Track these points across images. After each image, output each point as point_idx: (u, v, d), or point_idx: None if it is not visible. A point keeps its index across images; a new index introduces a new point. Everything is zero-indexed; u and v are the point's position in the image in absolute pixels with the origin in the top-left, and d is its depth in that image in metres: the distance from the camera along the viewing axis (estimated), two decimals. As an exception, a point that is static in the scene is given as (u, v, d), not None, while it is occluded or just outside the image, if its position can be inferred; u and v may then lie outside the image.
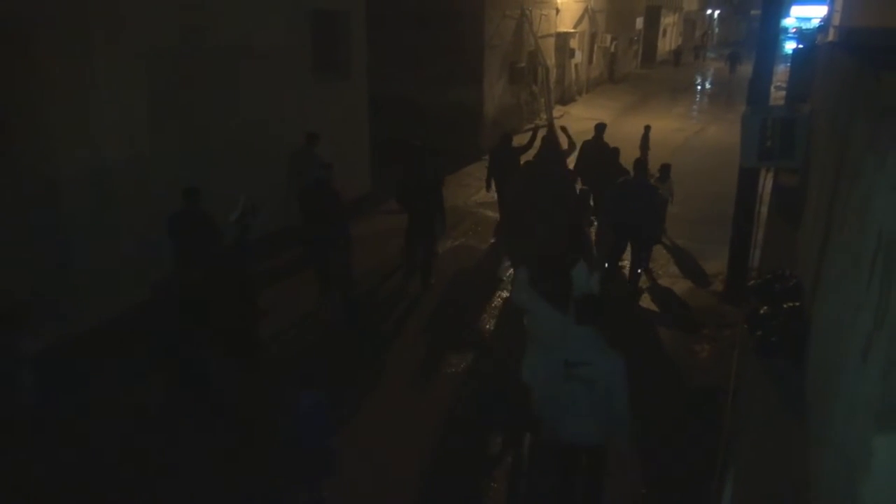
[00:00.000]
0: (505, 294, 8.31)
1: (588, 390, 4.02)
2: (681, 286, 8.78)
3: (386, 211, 10.61)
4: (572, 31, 22.13)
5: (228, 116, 8.56)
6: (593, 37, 25.54)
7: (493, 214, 11.17)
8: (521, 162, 9.12)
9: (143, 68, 7.28)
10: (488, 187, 10.20)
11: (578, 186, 8.70)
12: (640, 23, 33.76)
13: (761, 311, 3.80)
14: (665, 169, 9.60)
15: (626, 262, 8.51)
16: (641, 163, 8.38)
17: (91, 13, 6.66)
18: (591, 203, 8.62)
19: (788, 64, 16.49)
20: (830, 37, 12.38)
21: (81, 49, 6.62)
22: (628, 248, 8.26)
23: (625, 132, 15.10)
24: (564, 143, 8.58)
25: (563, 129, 9.04)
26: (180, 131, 7.85)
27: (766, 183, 7.08)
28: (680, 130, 19.05)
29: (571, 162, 9.16)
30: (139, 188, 7.33)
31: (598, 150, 9.59)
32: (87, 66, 6.67)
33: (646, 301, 8.36)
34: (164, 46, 7.52)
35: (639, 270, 8.48)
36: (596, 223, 8.72)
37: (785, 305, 3.73)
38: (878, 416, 1.53)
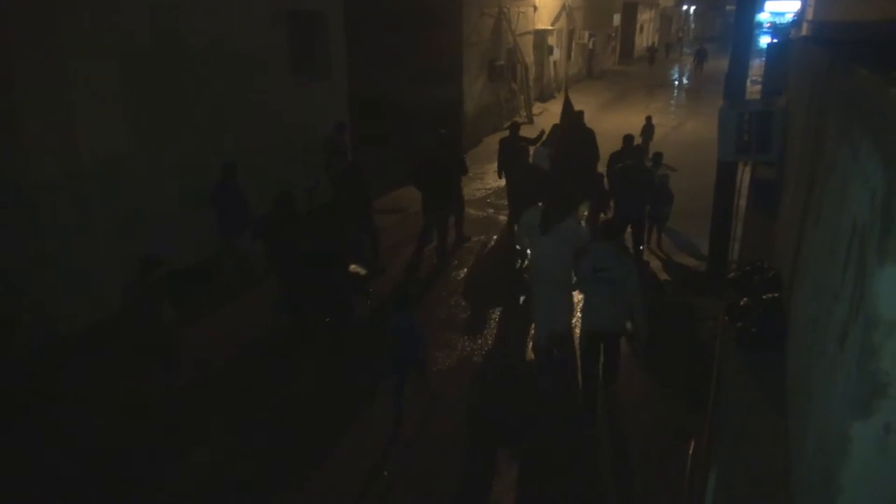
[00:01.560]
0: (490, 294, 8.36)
1: (609, 288, 5.36)
2: (662, 279, 8.86)
3: (376, 210, 10.67)
4: (550, 28, 22.22)
5: (207, 119, 8.49)
6: (571, 34, 25.66)
7: (476, 212, 11.18)
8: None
9: (118, 71, 7.20)
10: (500, 175, 10.69)
11: None
12: (617, 19, 33.97)
13: (741, 303, 3.85)
14: (657, 157, 10.20)
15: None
16: (639, 148, 9.33)
17: (62, 15, 6.56)
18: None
19: (763, 58, 16.66)
20: (804, 31, 12.56)
21: (54, 52, 6.53)
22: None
23: (605, 127, 15.19)
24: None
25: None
26: (158, 134, 7.77)
27: (744, 176, 7.17)
28: (658, 126, 19.11)
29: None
30: (117, 190, 7.25)
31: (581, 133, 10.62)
32: (59, 70, 6.58)
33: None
34: (139, 49, 7.44)
35: (640, 247, 9.21)
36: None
37: (764, 297, 3.78)
38: (855, 404, 1.56)
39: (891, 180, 1.43)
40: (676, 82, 30.38)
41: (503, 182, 10.51)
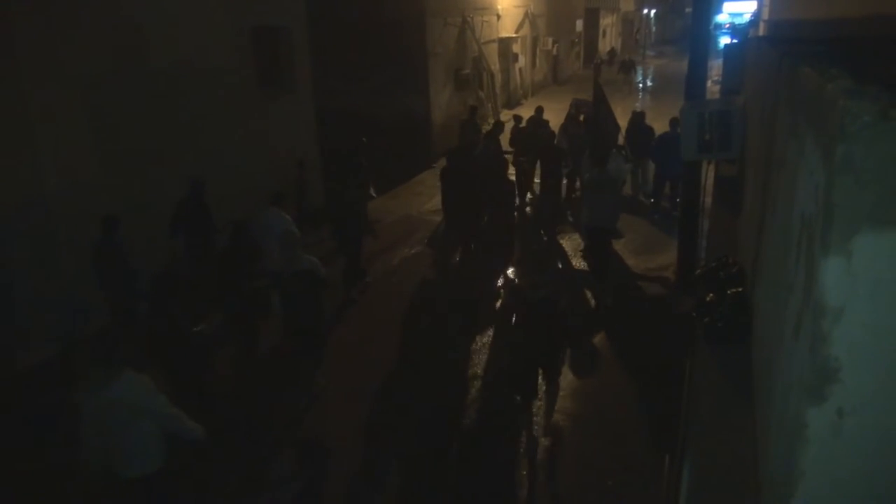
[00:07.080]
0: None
1: (603, 196, 7.90)
2: (635, 279, 8.97)
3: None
4: (514, 35, 22.43)
5: (174, 137, 8.42)
6: (535, 40, 25.93)
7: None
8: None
9: (80, 94, 7.12)
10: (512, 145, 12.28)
11: None
12: (580, 25, 34.40)
13: (708, 299, 3.91)
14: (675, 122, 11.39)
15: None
16: (676, 120, 10.24)
17: (21, 39, 6.48)
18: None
19: (722, 59, 16.94)
20: (761, 31, 12.83)
21: (13, 77, 6.43)
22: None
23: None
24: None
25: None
26: (125, 156, 7.69)
27: (709, 174, 7.30)
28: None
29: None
30: (84, 215, 7.15)
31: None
32: (19, 94, 6.49)
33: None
34: (102, 70, 7.36)
35: (677, 200, 10.73)
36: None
37: (729, 292, 3.85)
38: (809, 389, 1.61)
39: (829, 174, 1.48)
40: (641, 85, 30.83)
41: None
